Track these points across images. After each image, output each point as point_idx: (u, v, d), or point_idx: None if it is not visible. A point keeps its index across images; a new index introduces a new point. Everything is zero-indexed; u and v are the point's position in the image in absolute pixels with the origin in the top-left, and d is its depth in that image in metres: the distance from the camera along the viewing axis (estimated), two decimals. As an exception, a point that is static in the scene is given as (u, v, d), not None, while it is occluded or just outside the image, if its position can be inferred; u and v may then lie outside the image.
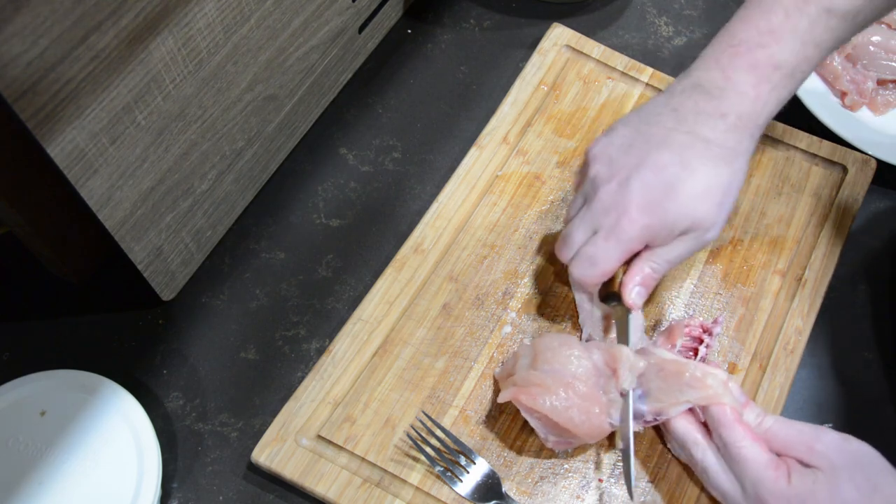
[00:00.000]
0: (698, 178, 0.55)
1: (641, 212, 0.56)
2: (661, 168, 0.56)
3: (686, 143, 0.56)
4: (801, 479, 0.52)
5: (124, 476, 0.55)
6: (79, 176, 0.50)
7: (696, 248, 0.58)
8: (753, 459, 0.53)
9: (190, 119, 0.58)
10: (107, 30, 0.46)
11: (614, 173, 0.57)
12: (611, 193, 0.57)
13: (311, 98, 0.73)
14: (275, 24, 0.62)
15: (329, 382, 0.62)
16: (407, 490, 0.58)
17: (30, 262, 0.67)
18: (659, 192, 0.56)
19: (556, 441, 0.58)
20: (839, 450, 0.52)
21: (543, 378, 0.57)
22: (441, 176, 0.74)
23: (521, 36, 0.83)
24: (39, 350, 0.65)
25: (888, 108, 0.79)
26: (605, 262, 0.57)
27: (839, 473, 0.51)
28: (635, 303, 0.59)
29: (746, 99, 0.56)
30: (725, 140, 0.56)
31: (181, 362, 0.65)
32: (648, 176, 0.56)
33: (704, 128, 0.56)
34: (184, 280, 0.67)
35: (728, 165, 0.56)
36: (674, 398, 0.56)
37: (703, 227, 0.57)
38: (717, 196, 0.56)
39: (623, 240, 0.56)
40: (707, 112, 0.56)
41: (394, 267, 0.67)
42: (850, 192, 0.72)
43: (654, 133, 0.57)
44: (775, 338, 0.65)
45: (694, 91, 0.57)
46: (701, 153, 0.56)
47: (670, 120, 0.57)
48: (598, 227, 0.58)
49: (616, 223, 0.56)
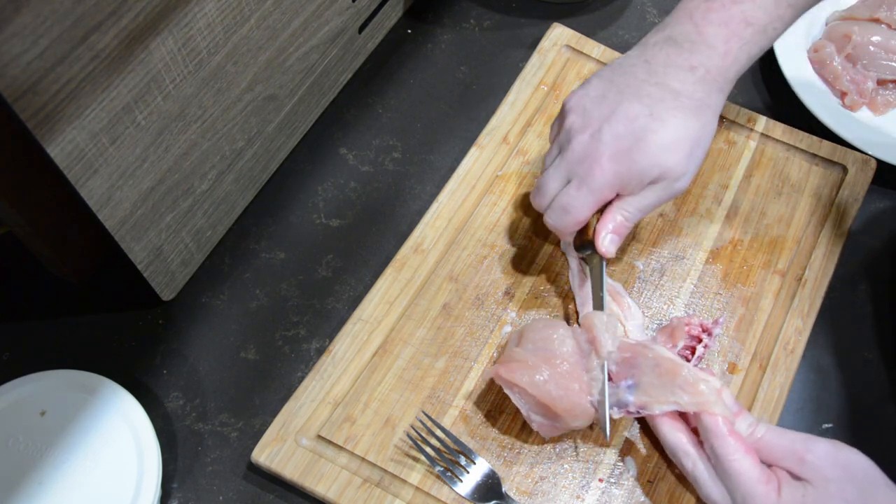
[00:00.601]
0: (667, 128, 0.57)
1: (612, 161, 0.57)
2: (631, 119, 0.57)
3: (656, 95, 0.58)
4: (791, 494, 0.51)
5: (124, 476, 0.55)
6: (79, 176, 0.50)
7: (665, 197, 0.60)
8: (744, 473, 0.52)
9: (190, 119, 0.58)
10: (107, 30, 0.46)
11: (587, 124, 0.59)
12: (583, 144, 0.59)
13: (311, 98, 0.73)
14: (275, 24, 0.62)
15: (329, 382, 0.62)
16: (407, 490, 0.58)
17: (30, 262, 0.67)
18: (629, 142, 0.57)
19: (541, 423, 0.57)
20: (830, 461, 0.52)
21: (525, 355, 0.57)
22: (441, 176, 0.74)
23: (521, 36, 0.83)
24: (39, 350, 0.65)
25: (888, 108, 0.79)
26: (578, 211, 0.59)
27: (829, 486, 0.51)
28: (608, 250, 0.60)
29: (716, 53, 0.57)
30: (694, 92, 0.57)
31: (181, 362, 0.65)
32: (619, 126, 0.57)
33: (674, 80, 0.58)
34: (184, 280, 0.67)
35: (696, 117, 0.58)
36: (663, 397, 0.55)
37: (672, 176, 0.58)
38: (686, 147, 0.57)
39: (594, 188, 0.58)
40: (677, 65, 0.58)
41: (394, 267, 0.67)
42: (850, 192, 0.72)
43: (626, 84, 0.59)
44: (775, 338, 0.65)
45: (666, 44, 0.59)
46: (670, 105, 0.57)
47: (642, 72, 0.59)
48: (571, 176, 0.60)
49: (588, 172, 0.58)
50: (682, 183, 0.59)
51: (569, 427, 0.58)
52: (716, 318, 0.61)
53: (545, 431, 0.59)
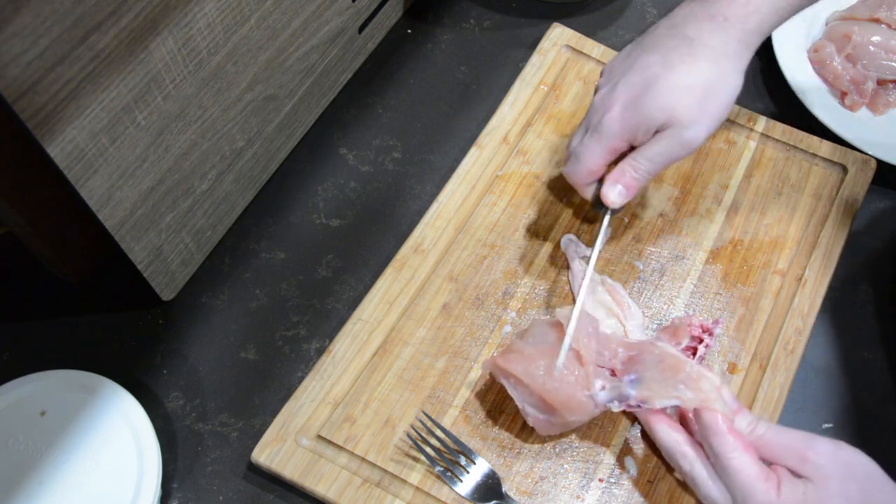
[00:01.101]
0: (677, 73, 0.57)
1: (622, 108, 0.59)
2: (645, 68, 0.59)
3: (671, 45, 0.59)
4: (790, 491, 0.51)
5: (124, 476, 0.55)
6: (79, 176, 0.50)
7: (676, 148, 0.59)
8: (744, 470, 0.52)
9: (190, 119, 0.58)
10: (107, 30, 0.46)
11: (609, 80, 0.61)
12: (602, 97, 0.61)
13: (311, 98, 0.73)
14: (275, 24, 0.62)
15: (329, 382, 0.62)
16: (407, 490, 0.58)
17: (30, 262, 0.67)
18: (640, 89, 0.58)
19: (537, 418, 0.57)
20: (831, 459, 0.51)
21: (524, 346, 0.58)
22: (441, 176, 0.74)
23: (521, 36, 0.83)
24: (39, 350, 0.65)
25: (888, 108, 0.79)
26: (588, 159, 0.60)
27: (829, 484, 0.50)
28: (613, 201, 0.61)
29: (737, 2, 0.58)
30: (710, 39, 0.58)
31: (181, 362, 0.65)
32: (634, 76, 0.59)
33: (691, 28, 0.58)
34: (184, 280, 0.67)
35: (711, 65, 0.58)
36: (664, 391, 0.55)
37: (680, 122, 0.58)
38: (696, 93, 0.57)
39: (604, 135, 0.59)
40: (697, 15, 0.59)
41: (394, 267, 0.67)
42: (850, 192, 0.72)
43: (648, 40, 0.61)
44: (775, 338, 0.65)
45: (691, 1, 0.60)
46: (683, 52, 0.58)
47: (664, 27, 0.61)
48: (587, 127, 0.61)
49: (600, 121, 0.60)
50: (693, 133, 0.58)
51: (566, 423, 0.57)
52: (716, 319, 0.61)
53: (542, 428, 0.58)
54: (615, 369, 0.58)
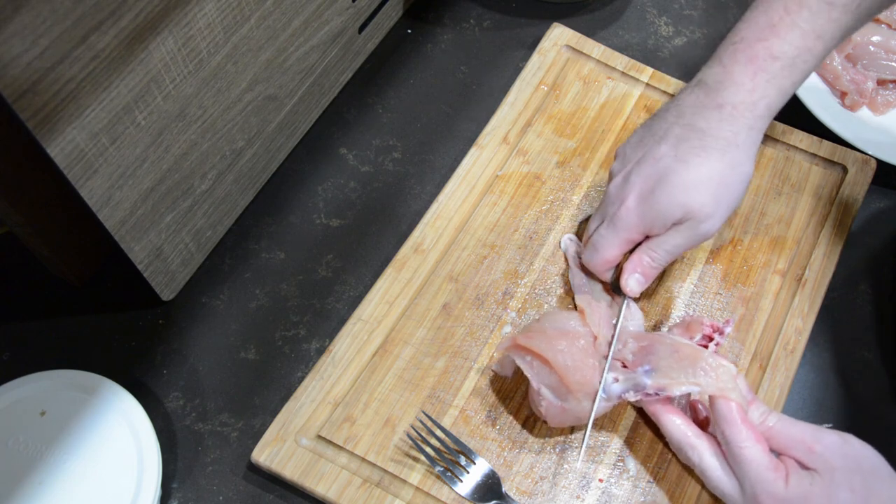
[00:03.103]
0: (690, 168, 0.57)
1: (637, 201, 0.59)
2: (657, 160, 0.59)
3: (682, 136, 0.58)
4: (798, 482, 0.52)
5: (124, 476, 0.55)
6: (79, 176, 0.50)
7: (693, 239, 0.59)
8: (754, 460, 0.53)
9: (190, 119, 0.58)
10: (107, 30, 0.46)
11: (622, 167, 0.62)
12: (617, 186, 0.61)
13: (311, 98, 0.73)
14: (275, 24, 0.62)
15: (329, 382, 0.62)
16: (407, 490, 0.58)
17: (30, 262, 0.67)
18: (653, 182, 0.58)
19: (549, 404, 0.57)
20: (839, 452, 0.52)
21: (545, 327, 0.59)
22: (441, 176, 0.74)
23: (521, 36, 0.83)
24: (39, 350, 0.65)
25: (888, 108, 0.79)
26: (605, 249, 0.62)
27: (836, 476, 0.51)
28: (632, 290, 0.62)
29: (743, 89, 0.57)
30: (720, 130, 0.57)
31: (181, 362, 0.65)
32: (646, 168, 0.59)
33: (700, 119, 0.58)
34: (184, 280, 0.67)
35: (722, 157, 0.57)
36: (682, 378, 0.56)
37: (696, 217, 0.58)
38: (710, 187, 0.57)
39: (620, 227, 0.60)
40: (704, 104, 0.58)
41: (394, 267, 0.67)
42: (850, 192, 0.72)
43: (657, 128, 0.61)
44: (775, 338, 0.65)
45: (696, 87, 0.60)
46: (694, 144, 0.58)
47: (672, 115, 0.60)
48: (603, 217, 0.62)
49: (615, 213, 0.60)
50: (709, 226, 0.58)
51: (576, 411, 0.57)
52: (727, 319, 0.61)
53: (553, 416, 0.58)
54: (626, 361, 0.58)
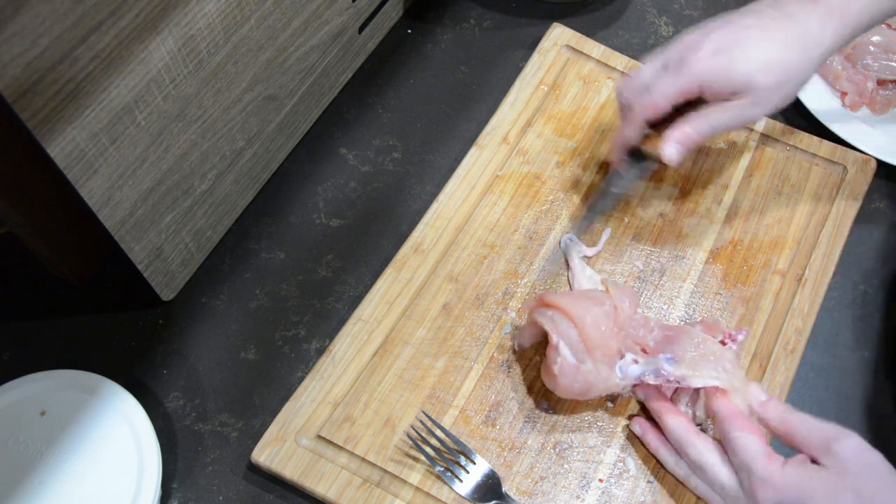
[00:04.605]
0: (773, 44, 0.58)
1: (711, 54, 0.59)
2: (742, 27, 0.59)
3: (773, 15, 0.59)
4: (795, 471, 0.52)
5: (124, 476, 0.55)
6: (79, 176, 0.50)
7: (740, 118, 0.60)
8: (747, 447, 0.54)
9: (190, 119, 0.58)
10: (107, 30, 0.46)
11: (701, 27, 0.61)
12: (691, 38, 0.61)
13: (311, 98, 0.73)
14: (275, 24, 0.62)
15: (329, 382, 0.62)
16: (407, 490, 0.58)
17: (30, 262, 0.67)
18: (732, 43, 0.59)
19: (564, 366, 0.57)
20: (857, 457, 0.52)
21: (569, 291, 0.61)
22: (441, 176, 0.74)
23: (521, 36, 0.83)
24: (39, 350, 0.65)
25: (888, 108, 0.79)
26: (659, 92, 0.60)
27: (845, 478, 0.51)
28: (671, 157, 0.61)
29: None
30: (809, 21, 0.58)
31: (181, 362, 0.65)
32: (729, 29, 0.60)
33: (794, 6, 0.59)
34: (184, 280, 0.67)
35: (803, 48, 0.59)
36: (706, 371, 0.57)
37: (754, 95, 0.59)
38: (780, 73, 0.58)
39: (684, 73, 0.59)
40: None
41: (394, 267, 0.67)
42: (850, 192, 0.72)
43: (747, 9, 0.61)
44: (775, 338, 0.65)
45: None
46: (783, 25, 0.59)
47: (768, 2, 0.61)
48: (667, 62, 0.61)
49: (684, 58, 0.59)
50: (758, 111, 0.60)
51: (589, 377, 0.57)
52: (740, 328, 0.62)
53: (564, 377, 0.58)
54: (646, 347, 0.59)
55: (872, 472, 0.51)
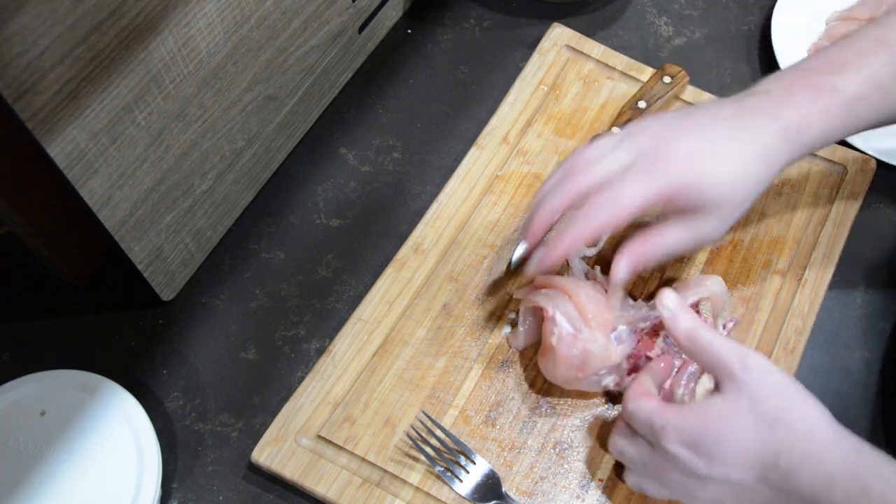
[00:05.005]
0: (739, 161, 0.55)
1: (682, 163, 0.55)
2: (710, 139, 0.56)
3: (738, 129, 0.56)
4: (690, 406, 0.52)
5: (124, 476, 0.55)
6: (79, 176, 0.50)
7: (699, 239, 0.57)
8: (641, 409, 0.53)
9: (190, 119, 0.58)
10: (107, 30, 0.46)
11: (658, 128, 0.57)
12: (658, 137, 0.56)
13: (311, 98, 0.73)
14: (275, 24, 0.62)
15: (329, 382, 0.62)
16: (407, 490, 0.58)
17: (30, 262, 0.67)
18: (702, 155, 0.55)
19: (562, 332, 0.57)
20: (756, 378, 0.50)
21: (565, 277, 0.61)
22: (441, 176, 0.74)
23: (521, 36, 0.83)
24: (39, 350, 0.65)
25: (888, 108, 0.79)
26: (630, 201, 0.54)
27: (741, 401, 0.50)
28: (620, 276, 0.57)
29: (799, 111, 0.56)
30: (769, 141, 0.56)
31: (181, 362, 0.65)
32: (695, 137, 0.56)
33: (757, 123, 0.56)
34: (184, 280, 0.67)
35: (764, 164, 0.56)
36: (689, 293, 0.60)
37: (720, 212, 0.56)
38: (745, 190, 0.56)
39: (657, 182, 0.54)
40: (764, 108, 0.57)
41: (394, 267, 0.67)
42: (850, 192, 0.72)
43: (704, 113, 0.58)
44: (775, 338, 0.65)
45: (753, 93, 0.58)
46: (746, 141, 0.56)
47: (732, 107, 0.58)
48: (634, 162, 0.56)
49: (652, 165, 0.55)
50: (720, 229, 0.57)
51: (587, 346, 0.57)
52: (731, 318, 0.62)
53: (562, 348, 0.57)
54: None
55: (774, 391, 0.50)
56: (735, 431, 0.50)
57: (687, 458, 0.51)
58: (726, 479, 0.50)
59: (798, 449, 0.49)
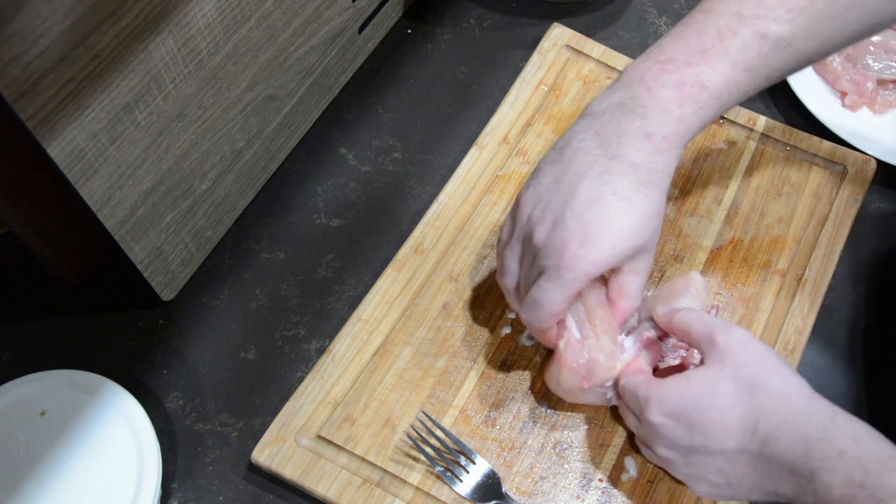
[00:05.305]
0: (636, 206, 0.52)
1: (583, 247, 0.52)
2: (594, 200, 0.52)
3: (615, 170, 0.53)
4: (675, 379, 0.52)
5: (124, 476, 0.55)
6: (79, 176, 0.50)
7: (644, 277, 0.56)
8: (630, 383, 0.54)
9: (190, 119, 0.58)
10: (107, 30, 0.46)
11: (546, 213, 0.54)
12: (546, 233, 0.53)
13: (311, 98, 0.73)
14: (275, 24, 0.62)
15: (329, 382, 0.62)
16: (407, 490, 0.58)
17: (30, 262, 0.67)
18: (597, 226, 0.52)
19: (571, 337, 0.56)
20: (738, 348, 0.51)
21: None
22: (441, 176, 0.74)
23: (521, 36, 0.83)
24: (39, 350, 0.65)
25: (888, 108, 0.79)
26: (552, 304, 0.54)
27: (722, 370, 0.50)
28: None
29: (671, 118, 0.53)
30: (654, 163, 0.53)
31: (181, 362, 0.65)
32: (582, 210, 0.52)
33: (631, 151, 0.53)
34: (184, 280, 0.67)
35: (658, 189, 0.53)
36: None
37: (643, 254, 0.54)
38: (655, 221, 0.54)
39: (568, 279, 0.53)
40: (631, 133, 0.53)
41: (394, 267, 0.67)
42: (850, 192, 0.72)
43: (580, 162, 0.54)
44: (775, 338, 0.65)
45: (616, 111, 0.54)
46: (632, 179, 0.53)
47: (594, 146, 0.54)
48: (539, 268, 0.54)
49: (557, 263, 0.53)
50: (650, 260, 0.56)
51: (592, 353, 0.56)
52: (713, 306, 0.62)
53: (570, 353, 0.56)
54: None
55: (754, 360, 0.51)
56: (716, 399, 0.50)
57: (670, 428, 0.52)
58: (707, 449, 0.51)
59: (776, 414, 0.49)
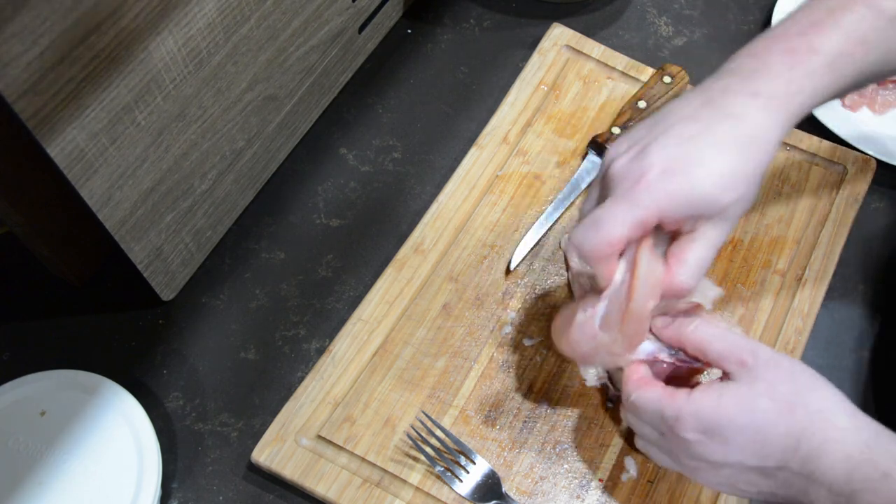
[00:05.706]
0: (727, 156, 0.49)
1: (661, 177, 0.49)
2: (687, 138, 0.49)
3: (716, 117, 0.50)
4: (704, 393, 0.49)
5: (124, 476, 0.55)
6: (79, 176, 0.50)
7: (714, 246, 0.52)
8: (648, 398, 0.51)
9: (190, 119, 0.58)
10: (107, 30, 0.46)
11: (634, 144, 0.51)
12: (623, 165, 0.50)
13: (311, 98, 0.73)
14: (275, 24, 0.62)
15: (329, 382, 0.62)
16: (407, 490, 0.58)
17: (30, 262, 0.67)
18: (683, 160, 0.49)
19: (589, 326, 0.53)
20: (770, 365, 0.50)
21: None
22: (441, 176, 0.74)
23: (521, 36, 0.83)
24: (39, 350, 0.65)
25: (888, 108, 0.79)
26: (610, 225, 0.49)
27: (757, 386, 0.49)
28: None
29: (780, 80, 0.51)
30: (757, 118, 0.50)
31: (181, 362, 0.65)
32: (671, 143, 0.49)
33: (735, 104, 0.50)
34: (184, 280, 0.67)
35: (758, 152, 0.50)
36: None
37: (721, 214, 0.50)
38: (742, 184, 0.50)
39: (637, 204, 0.49)
40: (737, 90, 0.51)
41: (394, 267, 0.67)
42: (850, 192, 0.72)
43: (679, 108, 0.52)
44: (775, 338, 0.65)
45: (725, 75, 0.52)
46: (730, 129, 0.50)
47: (698, 99, 0.52)
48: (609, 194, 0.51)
49: (630, 187, 0.49)
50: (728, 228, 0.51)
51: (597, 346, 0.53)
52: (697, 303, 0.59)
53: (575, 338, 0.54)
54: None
55: (787, 375, 0.50)
56: (754, 416, 0.49)
57: (703, 444, 0.50)
58: (742, 465, 0.50)
59: (819, 433, 0.48)
